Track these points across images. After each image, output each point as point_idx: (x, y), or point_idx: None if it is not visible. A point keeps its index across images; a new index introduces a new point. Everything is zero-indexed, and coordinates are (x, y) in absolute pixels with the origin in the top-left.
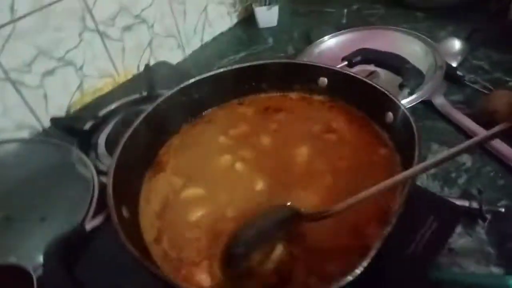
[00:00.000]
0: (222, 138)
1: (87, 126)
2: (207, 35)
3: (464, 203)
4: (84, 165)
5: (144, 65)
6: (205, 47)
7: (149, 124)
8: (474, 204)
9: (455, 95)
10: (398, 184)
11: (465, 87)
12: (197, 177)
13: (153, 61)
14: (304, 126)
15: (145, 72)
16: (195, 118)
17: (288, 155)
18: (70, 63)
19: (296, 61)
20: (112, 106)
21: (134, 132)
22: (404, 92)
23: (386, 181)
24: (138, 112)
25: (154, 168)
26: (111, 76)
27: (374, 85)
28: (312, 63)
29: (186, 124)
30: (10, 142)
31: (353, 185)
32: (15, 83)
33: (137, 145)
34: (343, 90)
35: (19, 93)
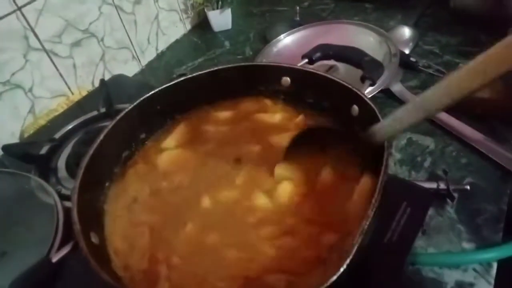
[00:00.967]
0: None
1: (44, 150)
2: (162, 44)
3: (432, 185)
4: (45, 192)
5: (99, 81)
6: (161, 56)
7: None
8: (441, 185)
9: (411, 81)
10: None
11: (420, 72)
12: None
13: (108, 75)
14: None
15: (100, 87)
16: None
17: None
18: (18, 86)
19: (256, 63)
20: (69, 127)
21: (96, 151)
22: (366, 84)
23: None
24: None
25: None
26: (64, 95)
27: (337, 80)
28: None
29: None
30: None
31: None
32: None
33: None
34: (306, 87)
35: None
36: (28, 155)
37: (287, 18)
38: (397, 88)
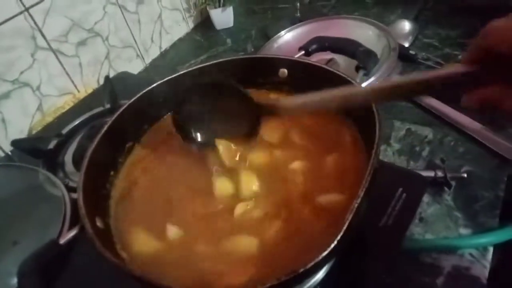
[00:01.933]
0: None
1: (51, 145)
2: (165, 42)
3: (430, 174)
4: (53, 185)
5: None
6: (164, 55)
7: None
8: (439, 173)
9: (410, 73)
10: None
11: (419, 64)
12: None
13: (113, 73)
14: None
15: (105, 84)
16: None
17: None
18: (26, 85)
19: (253, 56)
20: (75, 123)
21: (100, 142)
22: (360, 74)
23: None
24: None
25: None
26: (71, 92)
27: (331, 70)
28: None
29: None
30: None
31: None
32: None
33: (104, 155)
34: (303, 79)
35: None
36: (36, 150)
37: (288, 15)
38: None
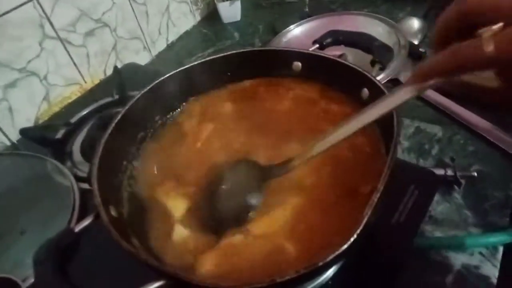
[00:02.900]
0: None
1: (59, 134)
2: (172, 35)
3: (440, 172)
4: (61, 174)
5: (110, 69)
6: (171, 47)
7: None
8: (449, 172)
9: None
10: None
11: None
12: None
13: (120, 65)
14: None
15: (114, 74)
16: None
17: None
18: (33, 73)
19: (268, 48)
20: (83, 112)
21: (113, 131)
22: (376, 68)
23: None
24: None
25: None
26: (78, 83)
27: (347, 64)
28: (284, 48)
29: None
30: None
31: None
32: None
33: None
34: (317, 72)
35: None
36: (44, 139)
37: (295, 10)
38: (406, 78)
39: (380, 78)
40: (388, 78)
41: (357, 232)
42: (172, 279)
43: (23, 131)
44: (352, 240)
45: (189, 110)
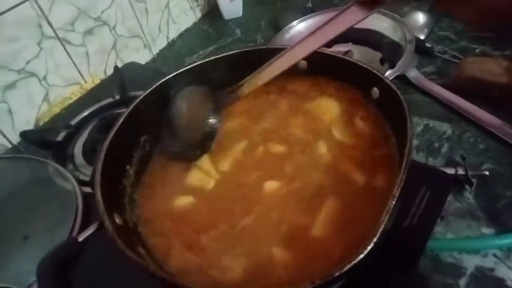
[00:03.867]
0: None
1: (60, 137)
2: (173, 32)
3: (450, 171)
4: (63, 178)
5: (111, 69)
6: (172, 45)
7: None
8: (460, 171)
9: (426, 66)
10: None
11: (435, 58)
12: None
13: (120, 64)
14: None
15: (114, 74)
16: None
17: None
18: (33, 74)
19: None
20: (84, 114)
21: (116, 135)
22: (386, 66)
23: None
24: (113, 116)
25: None
26: (78, 83)
27: (356, 62)
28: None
29: None
30: None
31: None
32: None
33: (120, 148)
34: (324, 71)
35: None
36: (45, 142)
37: (298, 5)
38: (413, 74)
39: (388, 74)
40: (396, 75)
41: (373, 241)
42: None
43: (24, 134)
44: (369, 248)
45: None
